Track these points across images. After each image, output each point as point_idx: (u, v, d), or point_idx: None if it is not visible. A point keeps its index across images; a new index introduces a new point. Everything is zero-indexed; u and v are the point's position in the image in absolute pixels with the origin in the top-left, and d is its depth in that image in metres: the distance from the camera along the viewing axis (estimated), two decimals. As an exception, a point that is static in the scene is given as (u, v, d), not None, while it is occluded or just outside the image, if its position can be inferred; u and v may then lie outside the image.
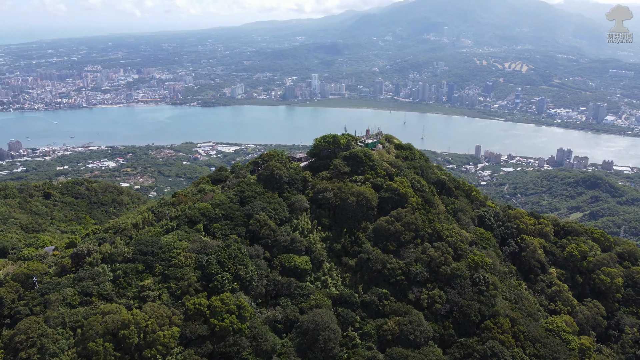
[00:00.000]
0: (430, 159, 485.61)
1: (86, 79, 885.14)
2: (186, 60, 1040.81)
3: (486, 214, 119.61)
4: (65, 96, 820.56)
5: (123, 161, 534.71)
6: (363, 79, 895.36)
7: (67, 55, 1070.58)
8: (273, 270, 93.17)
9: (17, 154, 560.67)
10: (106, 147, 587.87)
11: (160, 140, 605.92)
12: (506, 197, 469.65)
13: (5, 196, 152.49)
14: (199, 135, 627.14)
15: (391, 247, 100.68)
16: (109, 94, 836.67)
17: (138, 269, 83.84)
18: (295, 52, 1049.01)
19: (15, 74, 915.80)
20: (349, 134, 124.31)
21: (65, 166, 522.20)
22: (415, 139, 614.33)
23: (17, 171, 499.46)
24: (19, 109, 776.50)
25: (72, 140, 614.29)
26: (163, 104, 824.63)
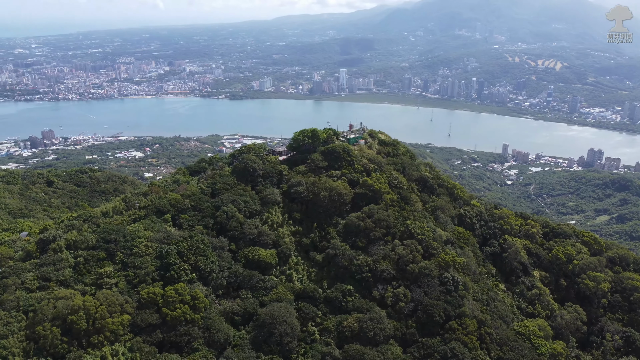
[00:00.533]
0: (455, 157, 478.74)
1: (119, 70, 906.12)
2: (217, 53, 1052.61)
3: (467, 213, 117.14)
4: (98, 87, 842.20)
5: (150, 152, 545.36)
6: (392, 75, 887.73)
7: (101, 47, 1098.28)
8: (237, 263, 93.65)
9: (50, 142, 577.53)
10: (134, 138, 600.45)
11: (187, 131, 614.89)
12: (531, 198, 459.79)
13: (8, 182, 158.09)
14: (225, 127, 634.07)
15: (360, 244, 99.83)
16: (140, 86, 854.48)
17: (99, 256, 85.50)
18: (325, 46, 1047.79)
19: (51, 64, 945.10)
20: (331, 128, 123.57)
21: (95, 155, 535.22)
22: (441, 136, 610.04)
23: (48, 159, 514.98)
24: (53, 99, 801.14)
25: (104, 130, 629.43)
26: (192, 96, 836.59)
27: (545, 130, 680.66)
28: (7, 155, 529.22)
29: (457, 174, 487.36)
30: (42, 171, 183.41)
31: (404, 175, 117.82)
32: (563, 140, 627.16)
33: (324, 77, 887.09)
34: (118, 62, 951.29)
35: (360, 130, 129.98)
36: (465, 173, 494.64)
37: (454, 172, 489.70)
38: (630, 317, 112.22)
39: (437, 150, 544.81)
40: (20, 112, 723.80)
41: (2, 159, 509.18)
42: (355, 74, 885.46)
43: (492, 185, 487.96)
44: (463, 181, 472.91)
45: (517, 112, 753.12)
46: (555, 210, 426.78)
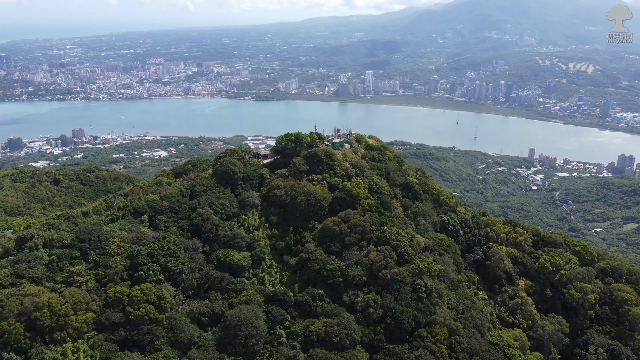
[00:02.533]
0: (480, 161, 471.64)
1: (149, 71, 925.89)
2: (244, 54, 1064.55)
3: (450, 220, 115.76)
4: (128, 87, 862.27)
5: (175, 151, 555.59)
6: (418, 77, 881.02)
7: (133, 48, 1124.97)
8: (209, 265, 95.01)
9: (80, 141, 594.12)
10: (161, 137, 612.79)
11: (212, 132, 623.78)
12: (556, 204, 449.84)
13: (15, 180, 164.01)
14: (250, 128, 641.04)
15: (334, 248, 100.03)
16: (169, 86, 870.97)
17: (72, 255, 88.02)
18: (352, 48, 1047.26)
19: (84, 64, 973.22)
20: (316, 132, 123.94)
21: (121, 154, 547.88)
22: (466, 139, 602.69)
23: (77, 157, 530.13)
24: (85, 98, 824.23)
25: (132, 129, 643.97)
26: (219, 97, 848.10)
27: (575, 135, 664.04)
28: (39, 152, 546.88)
29: (481, 178, 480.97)
30: (50, 169, 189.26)
31: (387, 180, 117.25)
32: (593, 146, 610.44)
33: (350, 79, 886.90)
34: (148, 63, 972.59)
35: (346, 134, 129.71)
36: (489, 177, 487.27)
37: (477, 176, 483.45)
38: (617, 330, 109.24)
39: (461, 154, 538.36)
40: (53, 111, 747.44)
41: (34, 156, 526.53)
42: (382, 76, 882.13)
43: (516, 190, 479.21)
44: (486, 185, 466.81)
45: (545, 116, 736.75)
46: (580, 217, 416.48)
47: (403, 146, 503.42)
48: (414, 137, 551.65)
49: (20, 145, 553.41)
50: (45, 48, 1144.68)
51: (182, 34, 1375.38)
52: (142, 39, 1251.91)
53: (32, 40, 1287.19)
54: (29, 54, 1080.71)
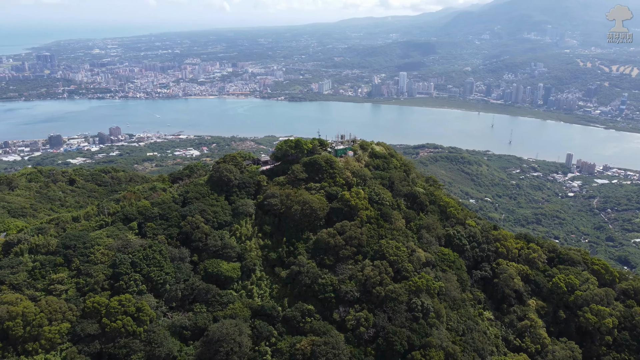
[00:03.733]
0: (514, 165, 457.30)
1: (185, 70, 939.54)
2: (279, 55, 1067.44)
3: (456, 234, 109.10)
4: (165, 86, 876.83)
5: (207, 150, 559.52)
6: (453, 79, 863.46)
7: (171, 48, 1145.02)
8: (196, 275, 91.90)
9: (116, 139, 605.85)
10: (194, 136, 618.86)
11: (244, 132, 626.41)
12: (594, 212, 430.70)
13: (30, 180, 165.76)
14: (282, 128, 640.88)
15: (328, 262, 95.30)
16: (204, 86, 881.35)
17: (56, 261, 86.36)
18: (387, 50, 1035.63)
19: (124, 64, 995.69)
20: (318, 139, 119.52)
21: (155, 152, 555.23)
22: (501, 143, 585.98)
23: (112, 154, 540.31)
24: (123, 97, 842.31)
25: (166, 128, 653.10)
26: (252, 97, 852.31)
27: (616, 141, 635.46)
28: (76, 149, 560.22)
29: (514, 183, 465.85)
30: (66, 169, 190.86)
31: (391, 190, 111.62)
32: (635, 152, 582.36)
33: (384, 80, 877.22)
34: (185, 63, 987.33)
35: (350, 141, 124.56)
36: (523, 183, 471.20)
37: (511, 181, 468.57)
38: (638, 358, 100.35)
39: (495, 158, 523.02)
40: (92, 109, 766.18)
41: (72, 153, 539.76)
42: (416, 77, 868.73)
43: (551, 196, 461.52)
44: (520, 191, 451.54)
45: (585, 121, 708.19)
46: (619, 227, 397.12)
47: (434, 149, 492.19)
48: (447, 140, 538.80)
49: (60, 142, 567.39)
50: (88, 48, 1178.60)
51: (219, 34, 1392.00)
52: (179, 39, 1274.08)
53: (75, 40, 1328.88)
54: (72, 53, 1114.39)
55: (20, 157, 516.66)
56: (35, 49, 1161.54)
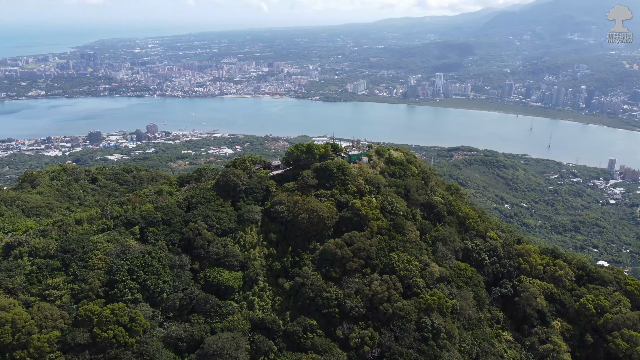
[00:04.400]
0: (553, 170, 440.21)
1: (222, 70, 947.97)
2: (315, 55, 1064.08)
3: (475, 247, 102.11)
4: (202, 85, 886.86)
5: (240, 149, 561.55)
6: (491, 80, 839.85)
7: (209, 48, 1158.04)
8: (196, 284, 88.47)
9: (153, 136, 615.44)
10: (228, 135, 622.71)
11: (278, 131, 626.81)
12: (637, 220, 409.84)
13: (52, 178, 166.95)
14: (315, 128, 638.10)
15: (334, 274, 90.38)
16: (240, 85, 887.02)
17: (54, 265, 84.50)
18: (424, 50, 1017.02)
19: (163, 63, 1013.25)
20: (331, 143, 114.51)
21: (189, 150, 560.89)
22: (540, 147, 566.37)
23: (148, 152, 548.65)
24: (161, 95, 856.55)
25: (202, 126, 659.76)
26: (287, 96, 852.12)
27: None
28: (115, 146, 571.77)
29: (552, 188, 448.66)
30: (89, 168, 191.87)
31: (407, 199, 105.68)
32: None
33: (420, 81, 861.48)
34: (222, 62, 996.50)
35: (365, 146, 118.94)
36: (562, 188, 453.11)
37: (548, 186, 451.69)
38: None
39: (533, 162, 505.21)
40: (131, 106, 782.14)
41: (110, 149, 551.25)
42: (453, 78, 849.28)
43: (591, 203, 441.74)
44: (558, 197, 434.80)
45: (631, 125, 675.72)
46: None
47: (469, 152, 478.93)
48: (482, 142, 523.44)
49: (99, 138, 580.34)
50: (129, 47, 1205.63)
51: (256, 34, 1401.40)
52: (218, 39, 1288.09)
53: (118, 40, 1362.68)
54: (114, 52, 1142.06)
55: (62, 152, 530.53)
56: (79, 47, 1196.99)
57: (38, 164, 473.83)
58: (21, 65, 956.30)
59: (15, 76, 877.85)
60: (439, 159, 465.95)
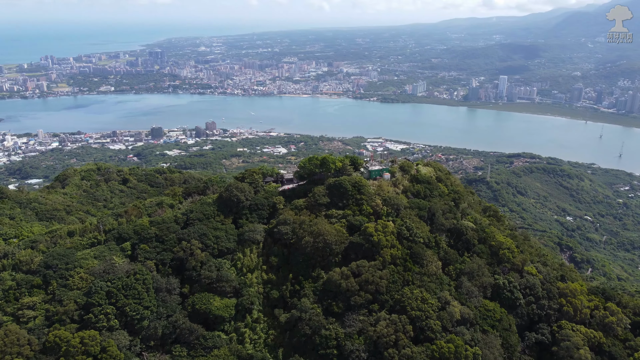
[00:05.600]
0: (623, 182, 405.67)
1: (282, 69, 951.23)
2: (375, 55, 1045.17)
3: (508, 284, 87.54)
4: (262, 84, 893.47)
5: (294, 149, 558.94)
6: (559, 84, 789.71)
7: (271, 47, 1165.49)
8: (183, 311, 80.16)
9: (211, 133, 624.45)
10: (284, 134, 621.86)
11: (333, 131, 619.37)
12: None
13: (82, 178, 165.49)
14: (371, 130, 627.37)
15: (336, 309, 79.38)
16: (299, 85, 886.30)
17: (34, 282, 78.78)
18: (488, 52, 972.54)
19: (226, 61, 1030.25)
20: (350, 156, 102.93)
21: (245, 148, 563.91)
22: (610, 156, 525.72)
23: (205, 148, 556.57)
24: (222, 93, 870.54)
25: (259, 125, 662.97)
26: (345, 97, 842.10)
27: None
28: (174, 142, 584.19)
29: (621, 201, 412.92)
30: (122, 168, 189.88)
31: (431, 223, 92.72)
32: None
33: (482, 83, 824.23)
34: (282, 62, 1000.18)
35: (389, 161, 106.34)
36: (632, 202, 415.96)
37: (617, 199, 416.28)
38: None
39: (601, 173, 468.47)
40: (192, 103, 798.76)
41: (170, 145, 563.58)
42: (517, 81, 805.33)
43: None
44: (627, 211, 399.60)
45: None
46: None
47: (531, 159, 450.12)
48: (546, 149, 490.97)
49: (160, 134, 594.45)
50: (195, 45, 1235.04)
51: (318, 33, 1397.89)
52: (280, 38, 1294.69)
53: (185, 38, 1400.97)
54: (181, 50, 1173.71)
55: (125, 146, 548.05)
56: (149, 45, 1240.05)
57: (102, 156, 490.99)
58: (94, 62, 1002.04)
59: (88, 72, 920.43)
60: (498, 165, 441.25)
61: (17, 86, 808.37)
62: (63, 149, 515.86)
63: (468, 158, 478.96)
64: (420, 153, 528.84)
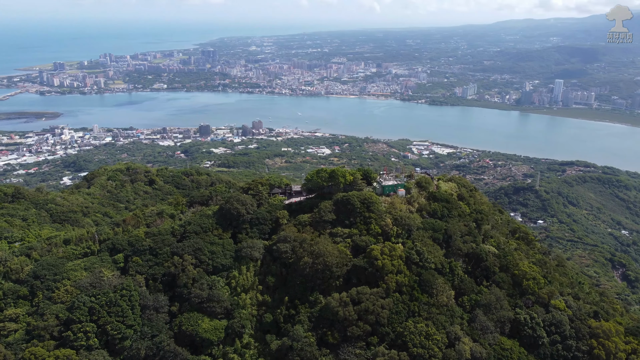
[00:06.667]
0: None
1: (330, 69, 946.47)
2: (425, 57, 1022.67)
3: (530, 320, 77.53)
4: (309, 84, 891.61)
5: (338, 150, 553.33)
6: (620, 89, 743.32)
7: (320, 47, 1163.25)
8: (170, 331, 75.39)
9: (257, 132, 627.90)
10: (329, 135, 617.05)
11: (379, 133, 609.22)
12: None
13: (109, 178, 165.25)
14: (417, 132, 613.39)
15: (331, 339, 72.33)
16: (346, 85, 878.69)
17: (20, 292, 76.12)
18: (544, 54, 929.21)
19: (275, 61, 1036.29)
20: (362, 169, 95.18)
21: (289, 148, 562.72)
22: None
23: (250, 147, 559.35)
24: (270, 92, 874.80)
25: (305, 125, 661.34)
26: (392, 98, 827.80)
27: None
28: (221, 140, 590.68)
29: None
30: (149, 169, 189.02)
31: (446, 247, 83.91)
32: None
33: (536, 87, 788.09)
34: (331, 62, 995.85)
35: (405, 176, 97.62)
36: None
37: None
38: None
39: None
40: (240, 102, 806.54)
41: (216, 143, 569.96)
42: (574, 86, 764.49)
43: None
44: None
45: None
46: None
47: (585, 167, 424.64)
48: (602, 158, 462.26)
49: (208, 131, 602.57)
50: (246, 45, 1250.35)
51: (368, 34, 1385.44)
52: (330, 39, 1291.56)
53: (237, 37, 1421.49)
54: (232, 49, 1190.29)
55: (174, 142, 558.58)
56: (202, 44, 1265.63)
57: (151, 152, 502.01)
58: (149, 60, 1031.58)
59: (143, 70, 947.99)
60: (549, 173, 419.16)
61: (77, 82, 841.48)
62: (115, 143, 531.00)
63: (517, 164, 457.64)
64: (467, 158, 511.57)
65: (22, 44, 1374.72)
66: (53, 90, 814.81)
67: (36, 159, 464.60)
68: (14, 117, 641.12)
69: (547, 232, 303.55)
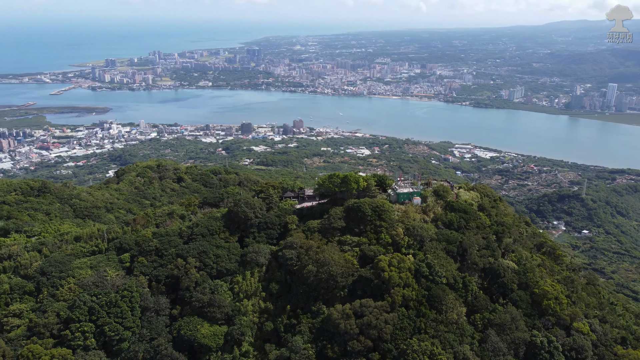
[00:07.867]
0: None
1: (373, 69, 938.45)
2: (472, 58, 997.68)
3: (547, 343, 71.95)
4: (352, 84, 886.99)
5: (378, 151, 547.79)
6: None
7: (365, 47, 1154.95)
8: (169, 335, 74.18)
9: (298, 131, 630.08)
10: (369, 136, 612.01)
11: (420, 135, 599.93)
12: None
13: (137, 174, 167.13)
14: (460, 135, 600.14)
15: (330, 353, 69.40)
16: (389, 86, 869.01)
17: (27, 288, 76.67)
18: (597, 57, 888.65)
19: (319, 60, 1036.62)
20: (378, 175, 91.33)
21: (328, 148, 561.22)
22: None
23: (290, 146, 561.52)
24: (312, 92, 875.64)
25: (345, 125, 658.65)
26: (436, 100, 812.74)
27: None
28: (262, 138, 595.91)
29: None
30: (179, 166, 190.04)
31: (461, 260, 79.23)
32: None
33: (588, 91, 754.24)
34: (374, 62, 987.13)
35: (422, 184, 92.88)
36: None
37: None
38: None
39: None
40: (282, 100, 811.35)
41: (257, 140, 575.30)
42: (629, 90, 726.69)
43: None
44: None
45: None
46: None
47: (637, 176, 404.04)
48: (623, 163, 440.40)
49: (249, 129, 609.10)
50: (291, 44, 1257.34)
51: (414, 35, 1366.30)
52: (374, 39, 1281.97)
53: (282, 37, 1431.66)
54: (277, 48, 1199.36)
55: (216, 139, 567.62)
56: (247, 43, 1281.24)
57: (194, 148, 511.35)
58: (196, 58, 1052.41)
59: (190, 67, 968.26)
60: (598, 181, 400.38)
61: (126, 79, 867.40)
62: (160, 139, 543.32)
63: (564, 171, 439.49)
64: (511, 162, 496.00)
65: (75, 41, 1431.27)
66: (104, 86, 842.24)
67: (85, 152, 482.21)
68: (66, 111, 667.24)
69: (592, 242, 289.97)
